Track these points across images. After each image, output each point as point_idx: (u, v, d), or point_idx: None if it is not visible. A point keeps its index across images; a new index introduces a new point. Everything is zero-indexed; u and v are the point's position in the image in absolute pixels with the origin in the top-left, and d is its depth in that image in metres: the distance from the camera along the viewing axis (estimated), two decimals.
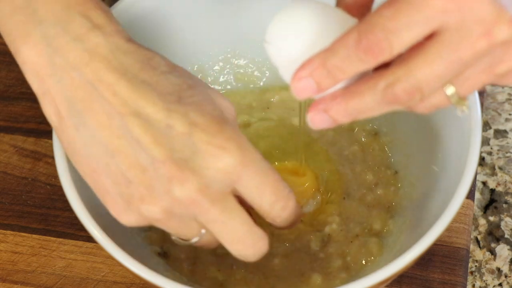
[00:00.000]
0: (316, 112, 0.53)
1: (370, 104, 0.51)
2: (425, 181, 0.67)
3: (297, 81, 0.51)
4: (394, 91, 0.49)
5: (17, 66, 0.82)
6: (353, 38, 0.49)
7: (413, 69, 0.49)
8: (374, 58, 0.48)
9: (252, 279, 0.66)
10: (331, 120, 0.52)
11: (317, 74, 0.50)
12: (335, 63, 0.50)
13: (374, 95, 0.50)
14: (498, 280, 0.72)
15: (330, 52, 0.50)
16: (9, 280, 0.70)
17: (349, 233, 0.68)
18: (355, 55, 0.49)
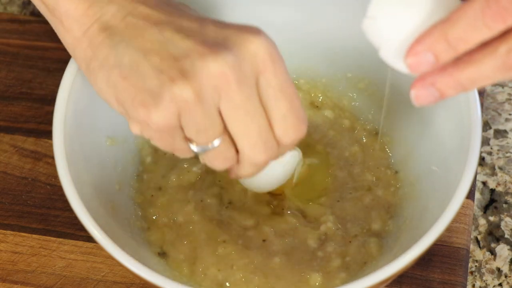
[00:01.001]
0: (422, 86, 0.51)
1: (487, 72, 0.50)
2: (425, 181, 0.67)
3: (414, 56, 0.50)
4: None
5: (17, 66, 0.82)
6: (480, 4, 0.48)
7: None
8: (503, 23, 0.48)
9: (252, 279, 0.66)
10: (438, 94, 0.51)
11: (437, 47, 0.49)
12: (457, 34, 0.48)
13: (494, 60, 0.49)
14: (498, 280, 0.72)
15: (450, 23, 0.49)
16: (9, 280, 0.70)
17: (347, 232, 0.68)
18: (481, 22, 0.48)
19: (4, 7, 0.88)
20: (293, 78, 0.77)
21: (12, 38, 0.83)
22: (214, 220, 0.69)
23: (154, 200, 0.70)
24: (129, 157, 0.71)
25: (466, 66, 0.50)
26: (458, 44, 0.49)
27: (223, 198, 0.70)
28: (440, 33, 0.49)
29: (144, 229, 0.68)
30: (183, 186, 0.70)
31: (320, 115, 0.74)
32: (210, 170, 0.71)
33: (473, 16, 0.48)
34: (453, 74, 0.50)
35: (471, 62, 0.50)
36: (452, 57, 0.50)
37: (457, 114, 0.64)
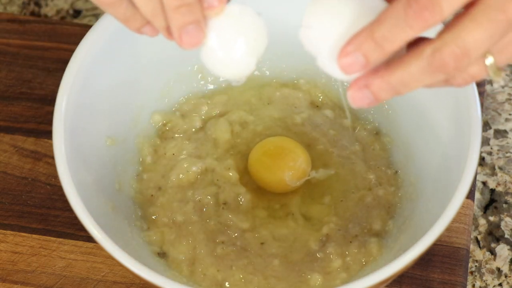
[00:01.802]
0: (357, 88, 0.52)
1: (415, 74, 0.50)
2: (425, 181, 0.67)
3: (344, 57, 0.50)
4: (442, 56, 0.49)
5: (17, 66, 0.82)
6: (402, 4, 0.48)
7: (462, 32, 0.49)
8: (424, 23, 0.48)
9: (251, 280, 0.66)
10: (373, 97, 0.52)
11: (365, 47, 0.50)
12: (383, 34, 0.49)
13: (421, 62, 0.50)
14: (498, 280, 0.72)
15: (377, 23, 0.49)
16: (9, 280, 0.70)
17: (348, 233, 0.68)
18: (404, 22, 0.48)
19: (4, 7, 0.88)
20: (293, 78, 0.77)
21: (12, 38, 0.83)
22: (212, 220, 0.69)
23: (154, 200, 0.70)
24: (129, 157, 0.71)
25: (395, 69, 0.50)
26: (384, 44, 0.49)
27: (219, 199, 0.70)
28: (367, 33, 0.50)
29: (144, 229, 0.69)
30: (182, 186, 0.70)
31: (320, 114, 0.74)
32: (210, 169, 0.71)
33: (396, 15, 0.48)
34: (384, 76, 0.51)
35: (400, 64, 0.50)
36: (381, 57, 0.50)
37: (457, 114, 0.64)
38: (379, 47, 0.50)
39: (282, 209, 0.70)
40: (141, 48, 0.71)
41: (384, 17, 0.49)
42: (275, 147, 0.72)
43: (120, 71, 0.70)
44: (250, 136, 0.74)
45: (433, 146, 0.67)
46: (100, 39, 0.67)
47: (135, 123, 0.72)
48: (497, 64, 0.51)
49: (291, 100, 0.75)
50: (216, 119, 0.74)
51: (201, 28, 0.53)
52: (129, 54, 0.70)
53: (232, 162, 0.71)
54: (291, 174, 0.70)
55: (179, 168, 0.71)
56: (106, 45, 0.68)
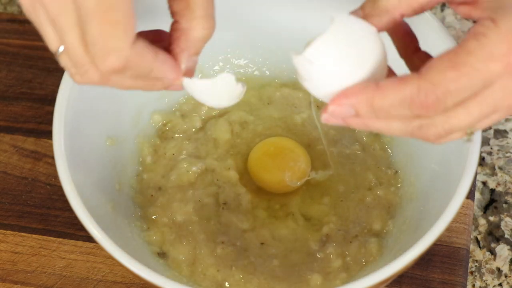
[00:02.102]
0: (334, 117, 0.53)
1: (394, 131, 0.53)
2: (425, 181, 0.67)
3: (337, 106, 0.52)
4: (427, 132, 0.52)
5: (17, 66, 0.82)
6: (412, 92, 0.50)
7: (452, 119, 0.51)
8: (425, 113, 0.51)
9: (251, 280, 0.66)
10: (344, 123, 0.54)
11: (360, 108, 0.52)
12: (382, 105, 0.51)
13: (405, 128, 0.52)
14: (498, 280, 0.72)
15: (380, 93, 0.51)
16: (9, 280, 0.70)
17: (348, 233, 0.68)
18: (408, 106, 0.51)
19: (4, 7, 0.88)
20: (293, 78, 0.77)
21: (12, 38, 0.83)
22: (212, 220, 0.69)
23: (154, 200, 0.70)
24: (129, 157, 0.71)
25: (380, 122, 0.53)
26: (380, 113, 0.52)
27: (219, 199, 0.70)
28: (367, 98, 0.52)
29: (144, 229, 0.69)
30: (182, 186, 0.70)
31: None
32: (210, 170, 0.71)
33: (403, 99, 0.51)
34: (365, 120, 0.53)
35: (386, 121, 0.53)
36: (372, 117, 0.52)
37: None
38: (374, 113, 0.52)
39: (282, 209, 0.70)
40: None
41: (390, 93, 0.51)
42: (275, 148, 0.72)
43: None
44: (250, 136, 0.74)
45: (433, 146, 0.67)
46: None
47: (135, 123, 0.72)
48: (473, 131, 0.53)
49: (291, 100, 0.75)
50: (216, 119, 0.74)
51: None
52: None
53: (232, 162, 0.71)
54: (291, 174, 0.70)
55: (179, 168, 0.71)
56: None
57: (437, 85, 0.50)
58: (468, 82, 0.50)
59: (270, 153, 0.72)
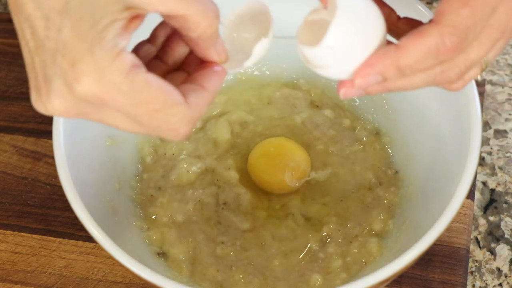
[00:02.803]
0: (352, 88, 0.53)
1: (417, 84, 0.53)
2: (425, 181, 0.67)
3: (363, 78, 0.52)
4: (449, 74, 0.53)
5: (17, 66, 0.82)
6: (436, 41, 0.51)
7: (470, 53, 0.52)
8: (451, 55, 0.51)
9: (251, 280, 0.66)
10: (364, 92, 0.54)
11: (387, 72, 0.52)
12: (408, 63, 0.51)
13: (427, 77, 0.53)
14: (498, 280, 0.72)
15: (404, 53, 0.51)
16: (9, 280, 0.70)
17: (348, 233, 0.68)
18: (435, 56, 0.51)
19: (4, 7, 0.88)
20: (293, 78, 0.77)
21: (12, 38, 0.83)
22: (212, 220, 0.69)
23: (154, 200, 0.70)
24: (129, 157, 0.71)
25: (402, 79, 0.53)
26: (407, 70, 0.52)
27: (219, 199, 0.70)
28: (392, 61, 0.52)
29: (144, 229, 0.69)
30: (182, 186, 0.70)
31: (320, 114, 0.74)
32: (210, 170, 0.71)
33: (428, 50, 0.51)
34: (386, 84, 0.53)
35: (408, 75, 0.53)
36: (398, 78, 0.53)
37: (457, 114, 0.64)
38: (401, 73, 0.52)
39: (282, 209, 0.70)
40: None
41: (413, 49, 0.51)
42: (275, 148, 0.72)
43: None
44: (250, 136, 0.74)
45: (433, 146, 0.67)
46: None
47: None
48: (487, 62, 0.54)
49: (291, 100, 0.75)
50: (216, 119, 0.74)
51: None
52: None
53: (232, 162, 0.71)
54: (291, 175, 0.70)
55: (179, 168, 0.71)
56: None
57: (456, 26, 0.51)
58: (482, 14, 0.51)
59: (270, 153, 0.72)
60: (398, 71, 0.52)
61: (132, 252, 0.60)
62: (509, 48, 0.85)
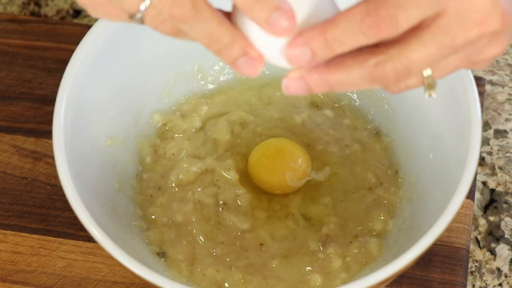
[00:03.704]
0: (292, 79, 0.53)
1: (354, 79, 0.51)
2: (425, 181, 0.67)
3: (293, 48, 0.51)
4: (384, 69, 0.50)
5: (17, 66, 0.82)
6: (360, 12, 0.49)
7: (408, 50, 0.50)
8: (378, 33, 0.49)
9: (251, 280, 0.66)
10: (307, 88, 0.53)
11: (314, 43, 0.51)
12: (335, 34, 0.50)
13: (362, 71, 0.51)
14: (498, 280, 0.72)
15: (331, 24, 0.50)
16: (9, 280, 0.70)
17: (348, 233, 0.68)
18: (359, 29, 0.49)
19: (4, 7, 0.88)
20: None
21: (12, 38, 0.83)
22: (211, 220, 0.69)
23: (154, 200, 0.70)
24: (129, 157, 0.71)
25: (336, 69, 0.51)
26: (335, 44, 0.50)
27: (219, 199, 0.70)
28: (320, 31, 0.50)
29: (144, 229, 0.69)
30: (182, 186, 0.70)
31: (321, 114, 0.74)
32: (210, 170, 0.71)
33: (353, 20, 0.49)
34: (323, 73, 0.52)
35: (342, 66, 0.51)
36: (328, 56, 0.51)
37: (457, 114, 0.64)
38: (329, 47, 0.50)
39: (282, 209, 0.70)
40: (141, 48, 0.71)
41: (339, 19, 0.50)
42: (274, 149, 0.72)
43: (120, 71, 0.70)
44: (250, 136, 0.74)
45: (433, 146, 0.67)
46: (100, 39, 0.67)
47: (135, 123, 0.72)
48: (433, 78, 0.52)
49: (291, 100, 0.75)
50: (216, 119, 0.74)
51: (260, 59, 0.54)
52: (129, 54, 0.70)
53: (232, 162, 0.71)
54: (291, 175, 0.70)
55: (179, 168, 0.71)
56: (106, 45, 0.68)
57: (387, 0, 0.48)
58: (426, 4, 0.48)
59: (270, 154, 0.71)
60: (324, 43, 0.50)
61: (132, 252, 0.60)
62: (509, 48, 0.85)
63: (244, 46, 0.52)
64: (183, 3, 0.50)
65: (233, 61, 0.53)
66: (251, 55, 0.53)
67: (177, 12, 0.50)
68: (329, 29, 0.50)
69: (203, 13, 0.51)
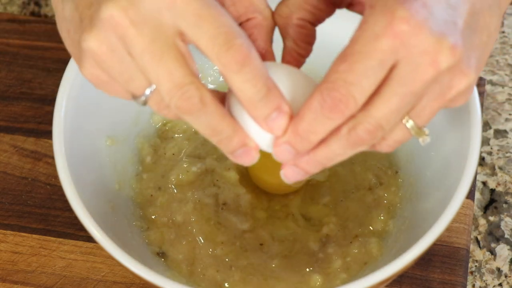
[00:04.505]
0: (288, 167, 0.55)
1: (337, 151, 0.53)
2: (425, 181, 0.67)
3: (276, 147, 0.54)
4: (357, 133, 0.52)
5: (17, 66, 0.82)
6: (317, 100, 0.51)
7: (371, 110, 0.51)
8: (341, 113, 0.51)
9: (250, 280, 0.66)
10: (303, 172, 0.55)
11: (292, 141, 0.53)
12: (305, 128, 0.52)
13: (340, 141, 0.53)
14: (498, 280, 0.72)
15: (298, 118, 0.52)
16: (9, 280, 0.70)
17: (348, 233, 0.68)
18: (322, 115, 0.51)
19: (4, 7, 0.88)
20: None
21: (12, 38, 0.83)
22: (211, 220, 0.69)
23: (154, 200, 0.70)
24: (129, 157, 0.71)
25: (320, 149, 0.54)
26: (309, 136, 0.52)
27: (219, 199, 0.70)
28: (292, 129, 0.53)
29: (144, 229, 0.69)
30: (182, 186, 0.70)
31: None
32: (210, 170, 0.71)
33: (314, 110, 0.51)
34: (310, 155, 0.54)
35: (324, 144, 0.53)
36: (308, 146, 0.53)
37: (457, 114, 0.64)
38: (305, 140, 0.53)
39: (282, 209, 0.70)
40: None
41: (303, 112, 0.52)
42: None
43: None
44: None
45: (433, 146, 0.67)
46: None
47: (135, 123, 0.72)
48: (418, 125, 0.53)
49: None
50: None
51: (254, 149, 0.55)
52: None
53: (232, 162, 0.71)
54: None
55: (179, 168, 0.71)
56: None
57: (334, 81, 0.50)
58: (362, 67, 0.49)
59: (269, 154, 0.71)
60: (300, 138, 0.53)
61: (132, 252, 0.60)
62: (509, 48, 0.85)
63: (243, 139, 0.54)
64: (191, 97, 0.51)
65: (232, 151, 0.55)
66: (249, 146, 0.55)
67: (184, 105, 0.52)
68: (299, 124, 0.52)
69: (209, 108, 0.52)
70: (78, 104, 0.65)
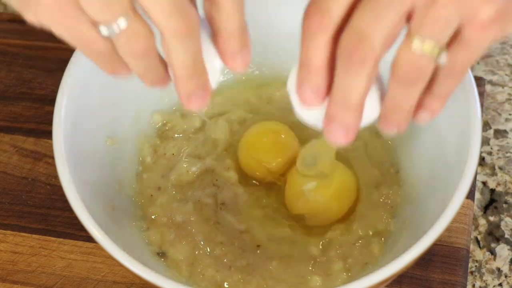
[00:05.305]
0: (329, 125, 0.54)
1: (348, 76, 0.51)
2: (425, 181, 0.67)
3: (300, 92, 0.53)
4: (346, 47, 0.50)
5: (17, 66, 0.82)
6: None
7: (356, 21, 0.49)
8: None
9: (250, 281, 0.66)
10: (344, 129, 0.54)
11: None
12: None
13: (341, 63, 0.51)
14: (498, 280, 0.72)
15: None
16: (9, 280, 0.70)
17: (352, 236, 0.68)
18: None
19: (4, 7, 0.88)
20: None
21: (12, 38, 0.83)
22: (211, 220, 0.69)
23: (154, 200, 0.70)
24: (129, 157, 0.71)
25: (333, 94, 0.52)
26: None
27: (218, 199, 0.70)
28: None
29: (144, 229, 0.69)
30: (182, 186, 0.70)
31: None
32: (209, 170, 0.71)
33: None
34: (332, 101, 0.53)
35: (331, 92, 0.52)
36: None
37: (457, 114, 0.64)
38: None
39: (281, 210, 0.70)
40: None
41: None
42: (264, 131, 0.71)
43: None
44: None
45: (433, 146, 0.67)
46: None
47: (135, 123, 0.72)
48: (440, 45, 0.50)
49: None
50: (215, 119, 0.74)
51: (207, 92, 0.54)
52: None
53: (232, 162, 0.71)
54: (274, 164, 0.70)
55: (178, 168, 0.71)
56: None
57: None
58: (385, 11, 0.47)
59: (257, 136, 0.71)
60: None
61: (132, 252, 0.60)
62: (509, 48, 0.85)
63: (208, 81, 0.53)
64: (191, 19, 0.50)
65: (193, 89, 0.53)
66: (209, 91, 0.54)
67: (182, 26, 0.50)
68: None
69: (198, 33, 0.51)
70: (78, 104, 0.65)
